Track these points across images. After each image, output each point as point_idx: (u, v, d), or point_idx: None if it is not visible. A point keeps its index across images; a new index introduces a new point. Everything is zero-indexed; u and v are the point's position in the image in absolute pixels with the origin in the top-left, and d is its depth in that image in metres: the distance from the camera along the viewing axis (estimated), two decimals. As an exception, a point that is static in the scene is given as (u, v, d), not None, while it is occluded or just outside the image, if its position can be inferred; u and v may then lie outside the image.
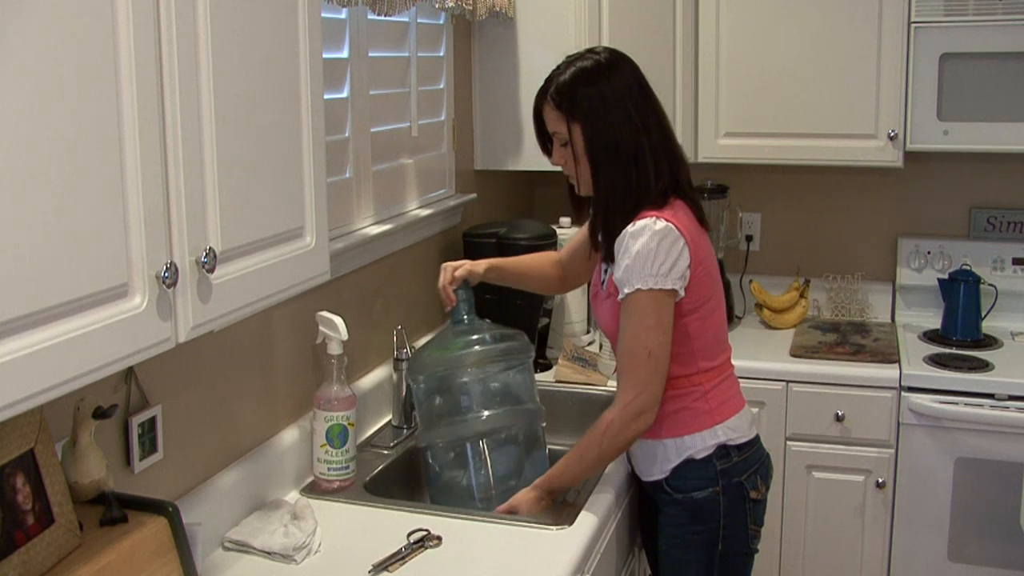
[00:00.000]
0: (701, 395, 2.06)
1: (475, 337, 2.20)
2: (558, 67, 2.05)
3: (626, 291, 1.95)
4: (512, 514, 2.02)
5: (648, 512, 2.22)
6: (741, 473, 2.08)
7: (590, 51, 2.07)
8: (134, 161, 1.21)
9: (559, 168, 2.13)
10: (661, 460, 2.09)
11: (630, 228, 1.96)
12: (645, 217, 1.96)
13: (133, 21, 1.19)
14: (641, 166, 1.98)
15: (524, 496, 2.05)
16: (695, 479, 2.07)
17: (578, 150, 2.01)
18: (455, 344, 2.20)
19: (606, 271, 2.09)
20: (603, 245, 2.06)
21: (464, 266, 2.26)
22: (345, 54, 2.33)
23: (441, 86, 2.86)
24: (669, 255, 1.93)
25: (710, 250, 2.08)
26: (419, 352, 2.28)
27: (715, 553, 2.09)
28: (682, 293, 1.97)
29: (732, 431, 2.07)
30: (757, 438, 2.15)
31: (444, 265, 2.26)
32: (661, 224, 1.94)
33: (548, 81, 2.04)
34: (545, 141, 2.10)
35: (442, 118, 2.88)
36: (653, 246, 1.92)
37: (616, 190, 1.99)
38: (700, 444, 2.06)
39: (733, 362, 2.18)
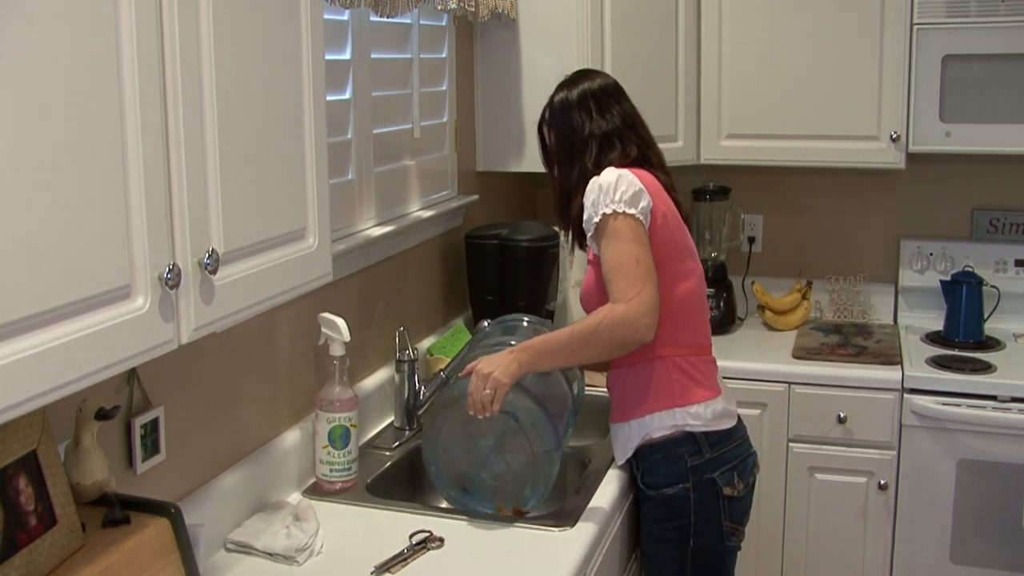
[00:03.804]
0: (665, 374, 2.10)
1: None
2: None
3: (596, 221, 2.05)
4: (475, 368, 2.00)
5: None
6: (714, 470, 2.10)
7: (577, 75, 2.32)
8: (137, 163, 1.21)
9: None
10: (624, 441, 2.15)
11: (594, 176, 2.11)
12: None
13: (136, 22, 1.20)
14: (600, 154, 2.16)
15: (495, 354, 2.02)
16: (667, 475, 2.10)
17: (554, 152, 2.26)
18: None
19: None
20: (566, 221, 2.23)
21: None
22: (347, 55, 2.33)
23: (443, 87, 2.86)
24: (629, 187, 2.05)
25: (677, 218, 2.16)
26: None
27: (687, 549, 2.12)
28: (645, 226, 2.05)
29: (692, 418, 2.09)
30: (733, 434, 2.15)
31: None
32: (623, 171, 2.10)
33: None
34: (548, 158, 2.32)
35: (444, 119, 2.89)
36: (613, 180, 2.06)
37: (570, 176, 2.20)
38: (657, 424, 2.10)
39: (735, 363, 2.19)
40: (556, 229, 2.98)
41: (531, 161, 3.04)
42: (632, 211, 2.03)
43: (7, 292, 1.04)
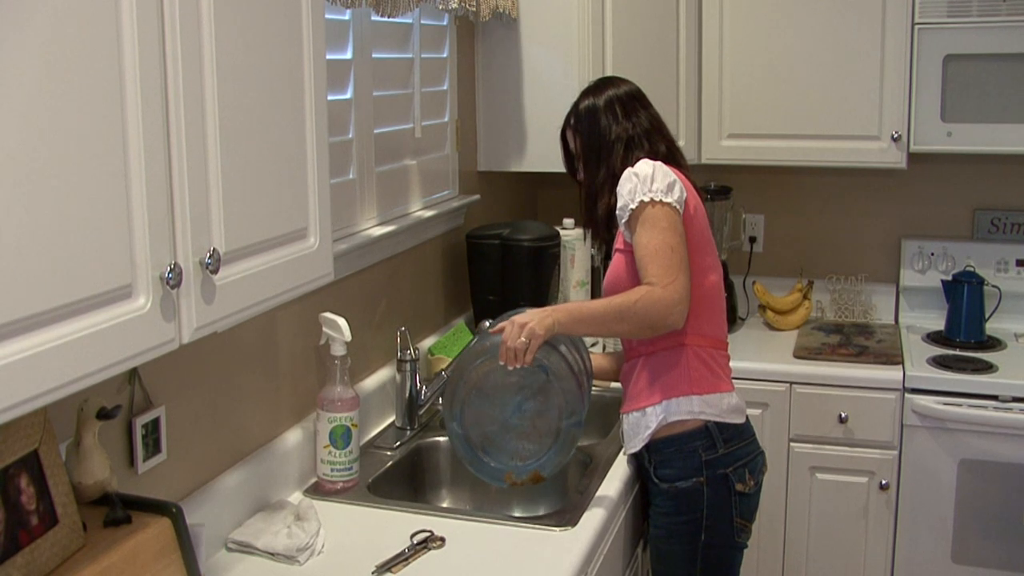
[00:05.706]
0: (685, 362, 2.12)
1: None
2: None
3: (632, 208, 2.08)
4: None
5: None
6: (727, 465, 2.12)
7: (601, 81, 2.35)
8: (138, 162, 1.22)
9: (562, 170, 2.38)
10: (640, 429, 2.15)
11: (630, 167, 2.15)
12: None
13: (137, 22, 1.20)
14: (627, 155, 2.19)
15: (532, 309, 2.05)
16: (681, 468, 2.11)
17: (580, 156, 2.28)
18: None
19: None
20: (592, 223, 2.27)
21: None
22: (349, 55, 2.33)
23: (444, 87, 2.86)
24: (666, 178, 2.09)
25: (704, 214, 2.20)
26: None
27: (698, 544, 2.13)
28: (680, 216, 2.08)
29: (709, 407, 2.11)
30: (744, 431, 2.18)
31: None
32: (657, 162, 2.14)
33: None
34: (570, 162, 2.36)
35: (445, 119, 2.89)
36: (650, 171, 2.10)
37: (597, 178, 2.24)
38: (674, 408, 2.11)
39: (737, 363, 2.21)
40: (557, 229, 2.98)
41: (532, 161, 3.04)
42: (669, 200, 2.07)
43: (7, 292, 1.04)
